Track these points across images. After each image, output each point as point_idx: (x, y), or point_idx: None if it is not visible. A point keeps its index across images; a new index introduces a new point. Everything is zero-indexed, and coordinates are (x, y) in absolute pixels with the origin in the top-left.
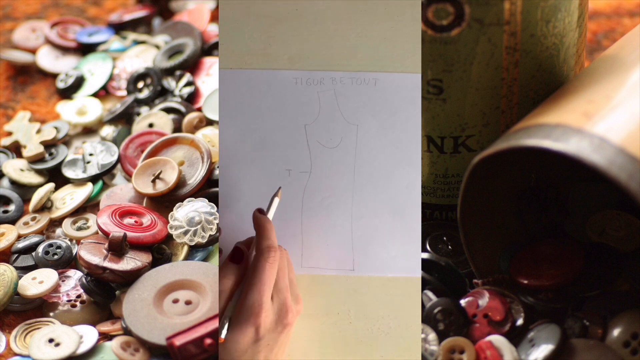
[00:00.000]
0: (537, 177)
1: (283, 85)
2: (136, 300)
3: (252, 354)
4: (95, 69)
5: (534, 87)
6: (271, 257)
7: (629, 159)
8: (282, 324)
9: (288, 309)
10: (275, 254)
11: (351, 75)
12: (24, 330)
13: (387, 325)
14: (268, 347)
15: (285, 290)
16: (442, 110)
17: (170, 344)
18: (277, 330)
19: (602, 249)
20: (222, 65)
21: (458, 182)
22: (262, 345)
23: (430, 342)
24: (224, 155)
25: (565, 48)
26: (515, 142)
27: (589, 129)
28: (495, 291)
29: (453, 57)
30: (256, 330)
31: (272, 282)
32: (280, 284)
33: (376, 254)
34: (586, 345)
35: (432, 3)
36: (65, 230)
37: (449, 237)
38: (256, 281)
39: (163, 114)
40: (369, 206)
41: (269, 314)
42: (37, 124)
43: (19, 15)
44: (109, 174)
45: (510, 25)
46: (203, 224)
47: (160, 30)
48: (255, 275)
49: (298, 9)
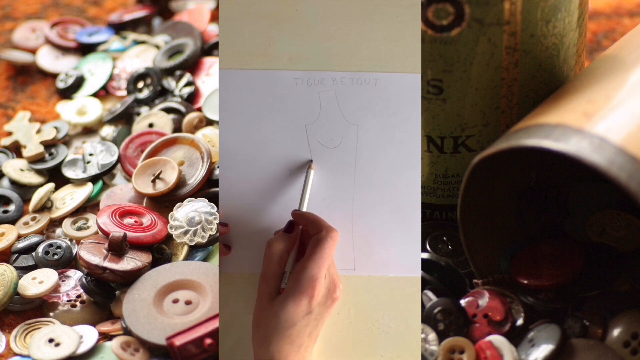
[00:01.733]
0: (537, 177)
1: (283, 85)
2: (136, 300)
3: (301, 326)
4: (95, 69)
5: (534, 87)
6: (335, 236)
7: (629, 159)
8: (331, 298)
9: (336, 284)
10: (336, 234)
11: (351, 75)
12: (24, 330)
13: (387, 325)
14: (315, 321)
15: (333, 266)
16: (442, 110)
17: (170, 344)
18: (326, 304)
19: (602, 249)
20: (222, 65)
21: (458, 182)
22: (311, 319)
23: (430, 342)
24: (224, 155)
25: (565, 48)
26: (515, 142)
27: (589, 129)
28: (495, 291)
29: (453, 57)
30: (309, 301)
31: (330, 259)
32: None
33: (376, 254)
34: (586, 345)
35: (432, 3)
36: (65, 230)
37: (449, 237)
38: (318, 257)
39: (163, 114)
40: (370, 206)
41: (322, 288)
42: (37, 124)
43: (19, 15)
44: (109, 174)
45: (510, 25)
46: (203, 224)
47: (160, 30)
48: (317, 250)
49: (298, 9)
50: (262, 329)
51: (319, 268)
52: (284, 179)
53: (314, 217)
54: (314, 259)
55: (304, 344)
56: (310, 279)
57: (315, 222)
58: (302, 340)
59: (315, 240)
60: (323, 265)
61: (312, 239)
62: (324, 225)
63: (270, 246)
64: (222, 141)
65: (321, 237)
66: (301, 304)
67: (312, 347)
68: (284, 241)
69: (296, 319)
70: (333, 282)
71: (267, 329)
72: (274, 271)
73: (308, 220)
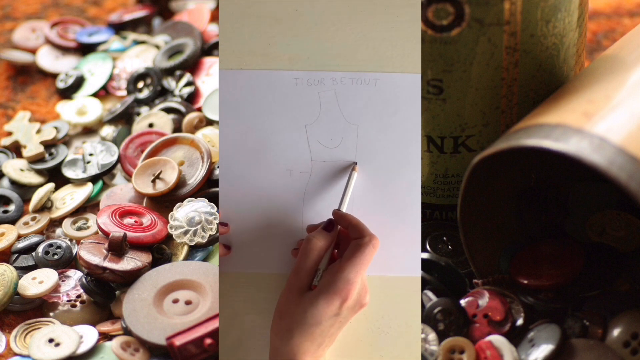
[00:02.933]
0: (537, 177)
1: (283, 85)
2: (136, 300)
3: (326, 326)
4: (95, 69)
5: (534, 87)
6: (376, 244)
7: (629, 159)
8: (359, 304)
9: (367, 290)
10: (378, 242)
11: (351, 75)
12: (24, 330)
13: (387, 325)
14: (340, 323)
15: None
16: (442, 110)
17: (170, 344)
18: (354, 308)
19: (602, 249)
20: (222, 65)
21: (458, 182)
22: (337, 320)
23: (430, 342)
24: (224, 155)
25: (565, 48)
26: (515, 142)
27: (589, 129)
28: (495, 291)
29: (453, 57)
30: (341, 304)
31: (368, 266)
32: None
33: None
34: (586, 345)
35: (432, 3)
36: (65, 230)
37: (449, 237)
38: (357, 261)
39: (163, 114)
40: (370, 206)
41: (355, 292)
42: (37, 124)
43: (19, 15)
44: (109, 174)
45: (510, 25)
46: (203, 224)
47: (160, 30)
48: (357, 255)
49: (298, 9)
50: (286, 321)
51: (356, 272)
52: (284, 179)
53: (357, 221)
54: (353, 263)
55: (323, 344)
56: (346, 281)
57: (358, 227)
58: (323, 339)
59: (356, 244)
60: (361, 271)
61: (353, 242)
62: (366, 231)
63: (310, 241)
64: (222, 141)
65: (364, 242)
66: (332, 305)
67: (328, 348)
68: (324, 238)
69: (324, 318)
70: (364, 288)
71: (293, 323)
72: (310, 267)
73: (350, 223)
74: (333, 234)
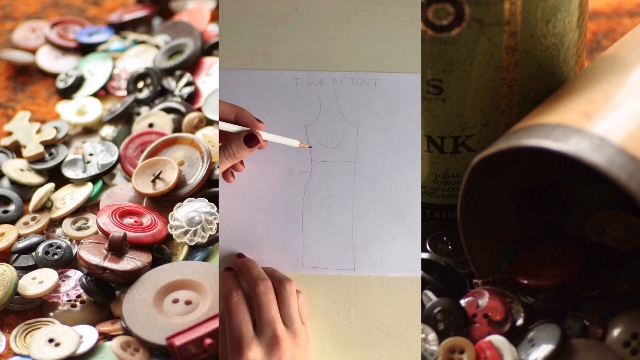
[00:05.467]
0: (537, 177)
1: (283, 85)
2: (136, 300)
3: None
4: (95, 69)
5: (534, 87)
6: (234, 297)
7: (629, 159)
8: (276, 356)
9: (279, 341)
10: (237, 293)
11: (351, 75)
12: (24, 330)
13: (387, 325)
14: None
15: (274, 322)
16: (442, 110)
17: (170, 344)
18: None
19: (602, 249)
20: (222, 65)
21: (458, 182)
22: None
23: (430, 342)
24: None
25: (565, 48)
26: (515, 142)
27: (589, 129)
28: (495, 291)
29: (453, 57)
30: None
31: (245, 317)
32: (266, 317)
33: (376, 254)
34: (586, 345)
35: (432, 3)
36: (65, 230)
37: (449, 237)
38: (229, 318)
39: (163, 114)
40: (370, 206)
41: (256, 349)
42: (37, 124)
43: (19, 15)
44: (109, 174)
45: (510, 25)
46: (203, 224)
47: (160, 30)
48: (226, 311)
49: (298, 9)
50: None
51: (238, 330)
52: (284, 179)
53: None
54: (229, 322)
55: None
56: (236, 342)
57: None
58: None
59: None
60: (241, 326)
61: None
62: (230, 285)
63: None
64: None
65: (257, 291)
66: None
67: None
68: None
69: None
70: (274, 339)
71: None
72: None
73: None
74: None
